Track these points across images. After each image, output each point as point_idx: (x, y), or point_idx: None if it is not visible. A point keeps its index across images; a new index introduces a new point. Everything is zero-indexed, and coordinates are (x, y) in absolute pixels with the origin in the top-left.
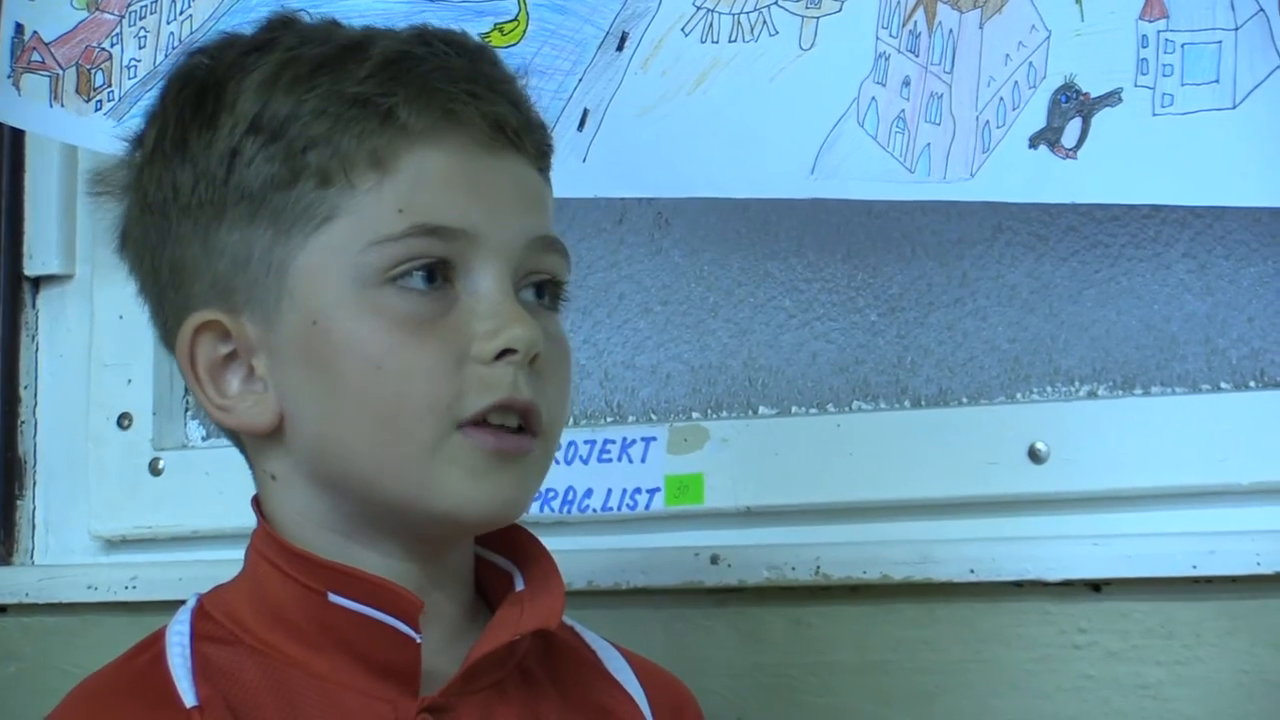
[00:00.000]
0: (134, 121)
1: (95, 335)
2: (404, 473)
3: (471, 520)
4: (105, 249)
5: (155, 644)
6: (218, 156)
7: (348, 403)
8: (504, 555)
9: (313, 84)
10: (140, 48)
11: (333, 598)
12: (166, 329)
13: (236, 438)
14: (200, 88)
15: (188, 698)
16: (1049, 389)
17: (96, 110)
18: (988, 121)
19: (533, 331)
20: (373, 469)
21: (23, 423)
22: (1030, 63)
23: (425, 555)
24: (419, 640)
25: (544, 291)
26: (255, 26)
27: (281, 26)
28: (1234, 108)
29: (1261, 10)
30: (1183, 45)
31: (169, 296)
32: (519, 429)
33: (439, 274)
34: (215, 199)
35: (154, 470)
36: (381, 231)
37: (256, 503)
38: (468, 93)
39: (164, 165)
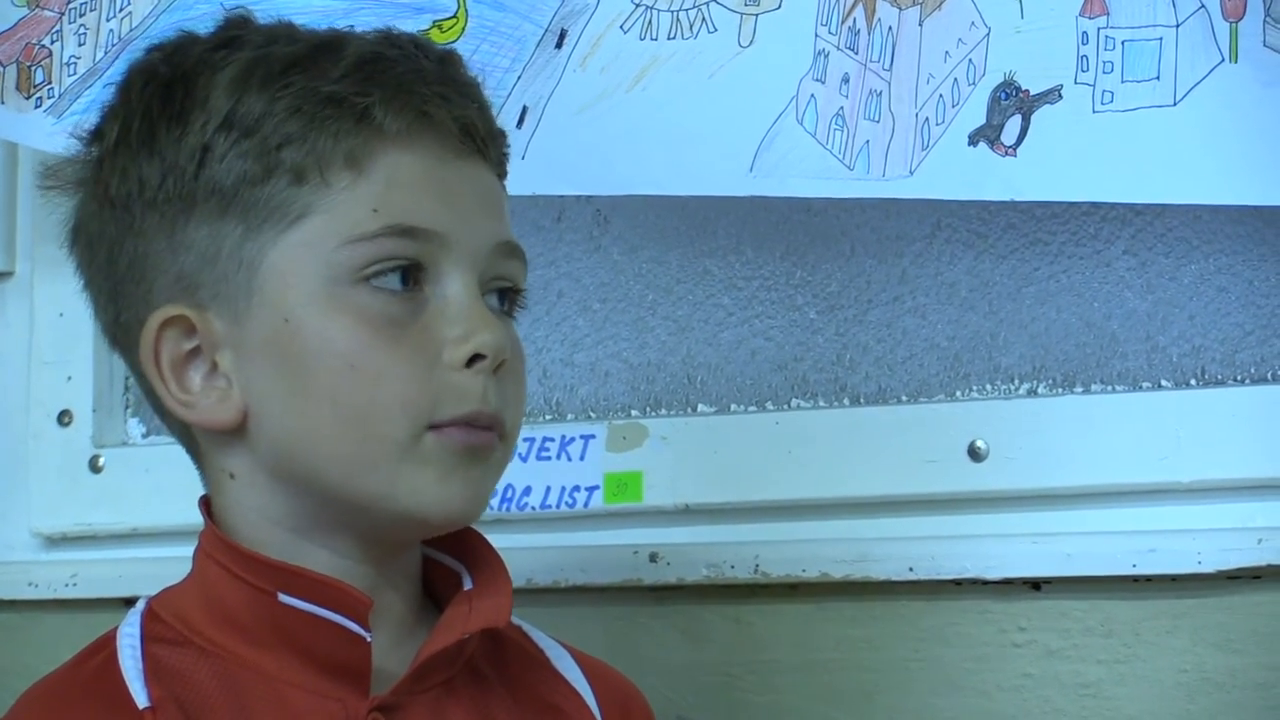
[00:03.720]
0: (74, 119)
1: (35, 332)
2: (373, 472)
3: (437, 520)
4: (46, 246)
5: (106, 646)
6: (188, 152)
7: (318, 402)
8: (452, 555)
9: (286, 82)
10: (80, 45)
11: (283, 598)
12: (118, 324)
13: (188, 437)
14: (167, 83)
15: (140, 699)
16: (989, 387)
17: (37, 107)
18: (927, 119)
19: (500, 337)
20: (341, 468)
21: None
22: (970, 60)
23: (377, 555)
24: (369, 639)
25: (504, 298)
26: (213, 25)
27: (241, 24)
28: (1174, 105)
29: (1202, 7)
30: (1123, 42)
31: (126, 290)
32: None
33: (410, 276)
34: (184, 194)
35: (94, 467)
36: (356, 230)
37: (205, 504)
38: (440, 95)
39: (129, 159)
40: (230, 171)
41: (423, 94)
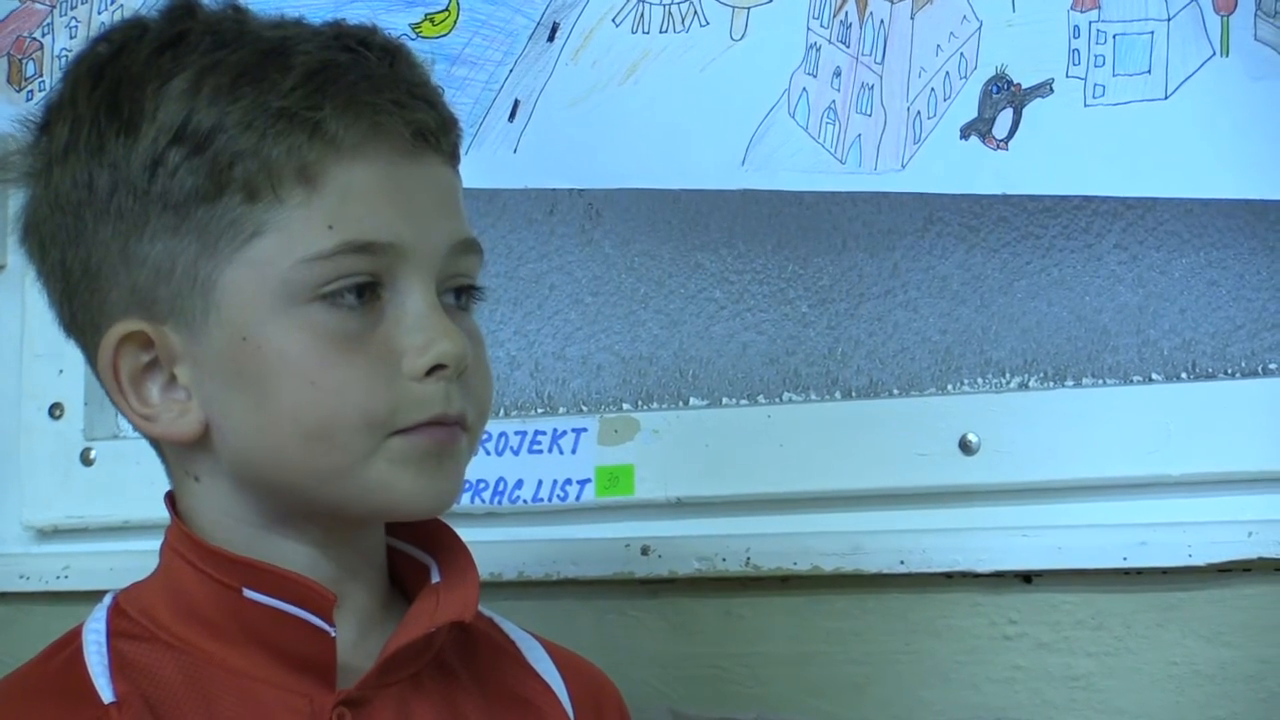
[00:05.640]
0: None
1: (27, 325)
2: (342, 479)
3: (413, 514)
4: None
5: (72, 642)
6: (139, 165)
7: (280, 418)
8: (420, 547)
9: (236, 95)
10: (71, 38)
11: (247, 593)
12: (74, 322)
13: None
14: (113, 88)
15: (105, 694)
16: (980, 380)
17: (28, 100)
18: (919, 112)
19: (460, 345)
20: (307, 478)
21: None
22: (961, 53)
23: (342, 539)
24: (334, 634)
25: (461, 294)
26: (157, 13)
27: (186, 15)
28: (1166, 99)
29: (1194, 1)
30: (1115, 36)
31: (79, 296)
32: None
33: (367, 289)
34: (137, 208)
35: (85, 460)
36: (312, 248)
37: (170, 499)
38: (393, 101)
39: (79, 166)
40: (182, 187)
41: (375, 103)
